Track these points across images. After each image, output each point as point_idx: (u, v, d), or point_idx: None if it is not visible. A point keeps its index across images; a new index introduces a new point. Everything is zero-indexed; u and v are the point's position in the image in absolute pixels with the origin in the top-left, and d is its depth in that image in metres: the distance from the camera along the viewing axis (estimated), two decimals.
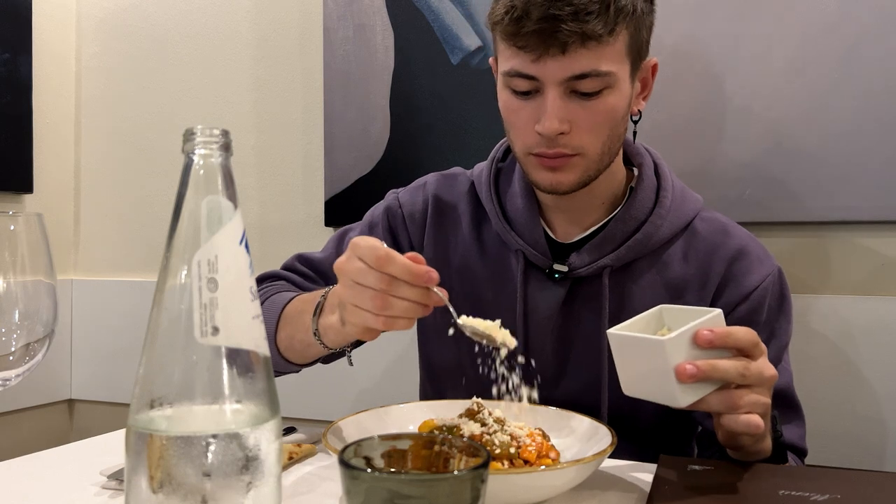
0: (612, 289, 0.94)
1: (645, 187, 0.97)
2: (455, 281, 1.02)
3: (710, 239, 0.96)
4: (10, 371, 0.64)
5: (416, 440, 0.50)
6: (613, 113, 0.88)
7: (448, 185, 1.07)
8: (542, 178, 0.91)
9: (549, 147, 0.87)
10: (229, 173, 0.45)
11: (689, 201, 0.98)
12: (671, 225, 0.95)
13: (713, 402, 0.68)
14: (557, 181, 0.90)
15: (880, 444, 1.20)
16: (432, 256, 1.04)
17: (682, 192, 0.99)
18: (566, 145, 0.87)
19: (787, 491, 0.65)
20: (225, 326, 0.43)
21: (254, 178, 1.69)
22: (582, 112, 0.86)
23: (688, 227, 0.97)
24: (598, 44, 0.83)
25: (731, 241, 0.96)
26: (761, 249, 0.97)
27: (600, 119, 0.87)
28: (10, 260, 0.63)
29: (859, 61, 1.20)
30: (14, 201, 1.75)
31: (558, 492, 0.66)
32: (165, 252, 0.44)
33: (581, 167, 0.89)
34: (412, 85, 1.51)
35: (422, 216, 1.06)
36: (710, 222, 0.98)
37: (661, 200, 0.96)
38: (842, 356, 1.22)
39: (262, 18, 1.69)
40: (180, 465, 0.41)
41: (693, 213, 0.98)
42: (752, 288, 0.93)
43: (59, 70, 1.85)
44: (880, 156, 1.19)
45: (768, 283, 0.94)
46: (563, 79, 0.84)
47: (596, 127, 0.87)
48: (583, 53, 0.83)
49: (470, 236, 1.03)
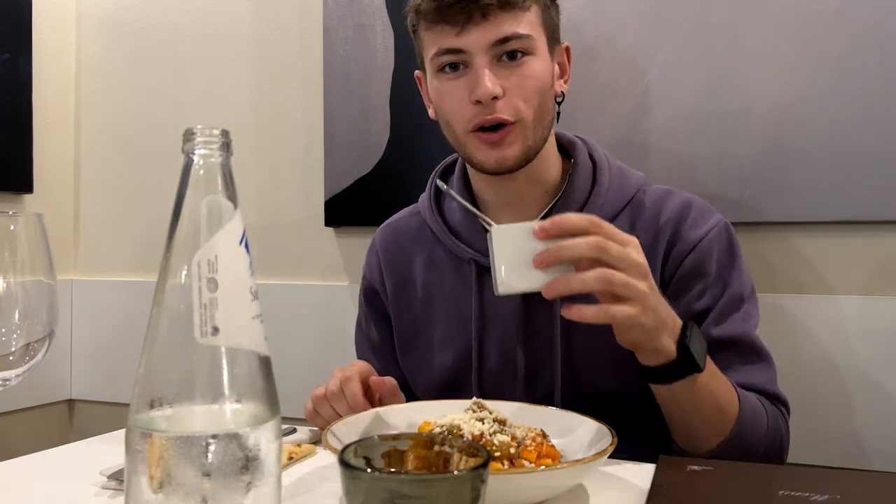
0: None
1: (581, 171, 1.00)
2: (420, 314, 1.07)
3: (655, 206, 0.99)
4: (10, 371, 0.64)
5: (416, 440, 0.50)
6: (540, 79, 0.93)
7: (390, 231, 1.14)
8: (486, 156, 0.94)
9: (487, 114, 0.91)
10: (229, 173, 0.45)
11: (628, 178, 1.02)
12: (613, 201, 0.99)
13: (588, 279, 0.72)
14: (502, 157, 0.93)
15: (880, 445, 1.20)
16: (396, 304, 1.10)
17: (619, 170, 1.02)
18: (503, 111, 0.91)
19: (787, 491, 0.65)
20: (225, 326, 0.43)
21: (254, 178, 1.69)
22: (511, 76, 0.91)
23: (631, 201, 1.00)
24: (516, 9, 0.90)
25: (674, 201, 0.99)
26: (704, 205, 1.00)
27: (529, 83, 0.92)
28: (10, 260, 0.63)
29: (859, 61, 1.20)
30: (14, 201, 1.75)
31: (558, 492, 0.66)
32: (165, 252, 0.44)
33: (521, 137, 0.93)
34: (412, 85, 1.50)
35: (380, 275, 1.12)
36: (653, 192, 1.01)
37: (599, 180, 1.00)
38: (842, 356, 1.22)
39: (262, 18, 1.68)
40: (180, 465, 0.41)
41: (634, 188, 1.01)
42: (698, 240, 0.95)
43: (58, 70, 1.85)
44: (880, 155, 1.19)
45: (714, 234, 0.96)
46: (488, 44, 0.90)
47: (526, 92, 0.92)
48: (503, 18, 0.89)
49: (424, 266, 1.07)
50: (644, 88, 1.32)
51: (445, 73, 0.94)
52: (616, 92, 1.33)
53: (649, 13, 1.32)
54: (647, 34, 1.32)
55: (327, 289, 1.61)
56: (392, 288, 1.10)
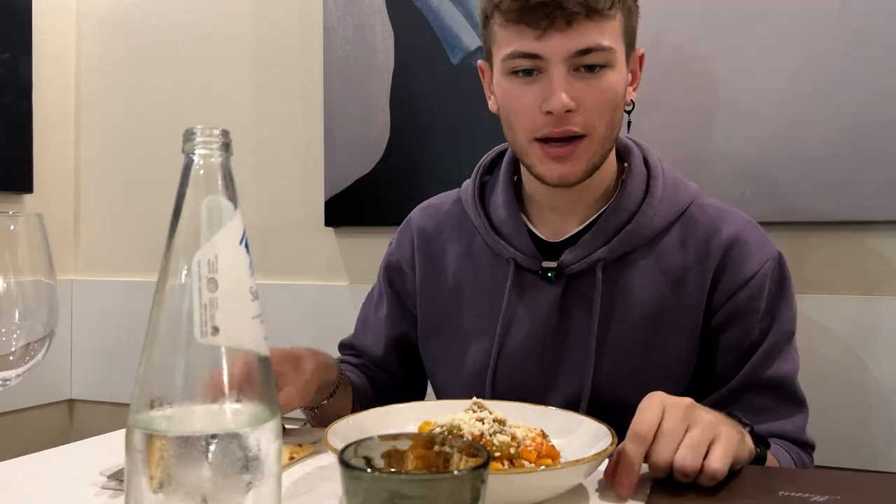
0: (606, 282, 0.94)
1: (635, 178, 0.97)
2: (447, 302, 1.04)
3: (708, 225, 0.95)
4: (10, 371, 0.64)
5: (416, 440, 0.50)
6: (615, 93, 0.89)
7: (429, 214, 1.10)
8: (548, 169, 0.90)
9: (556, 126, 0.87)
10: (229, 173, 0.45)
11: (682, 189, 0.98)
12: (664, 213, 0.95)
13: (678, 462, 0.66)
14: (565, 173, 0.90)
15: (881, 445, 1.20)
16: (424, 287, 1.06)
17: (674, 180, 0.98)
18: (575, 123, 0.87)
19: (788, 492, 0.65)
20: (225, 326, 0.43)
21: (254, 178, 1.69)
22: (587, 90, 0.87)
23: (683, 215, 0.96)
24: (602, 18, 0.85)
25: (729, 226, 0.94)
26: (760, 234, 0.96)
27: (605, 97, 0.88)
28: (10, 260, 0.63)
29: (861, 61, 1.20)
30: (14, 201, 1.75)
31: (558, 492, 0.66)
32: (165, 252, 0.44)
33: (588, 152, 0.89)
34: (412, 85, 1.51)
35: (411, 256, 1.09)
36: (707, 208, 0.97)
37: (652, 190, 0.96)
38: (842, 356, 1.22)
39: (262, 18, 1.68)
40: (180, 465, 0.41)
41: (688, 200, 0.97)
42: (751, 275, 0.92)
43: (58, 70, 1.85)
44: (881, 155, 1.19)
45: (768, 268, 0.93)
46: (568, 54, 0.85)
47: (601, 106, 0.88)
48: (588, 27, 0.84)
49: (460, 255, 1.04)
50: (647, 89, 1.32)
51: (518, 76, 0.89)
52: None
53: (650, 13, 1.32)
54: (647, 34, 1.32)
55: (327, 289, 1.61)
56: (422, 271, 1.07)
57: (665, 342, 0.93)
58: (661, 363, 0.93)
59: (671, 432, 0.67)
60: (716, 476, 0.66)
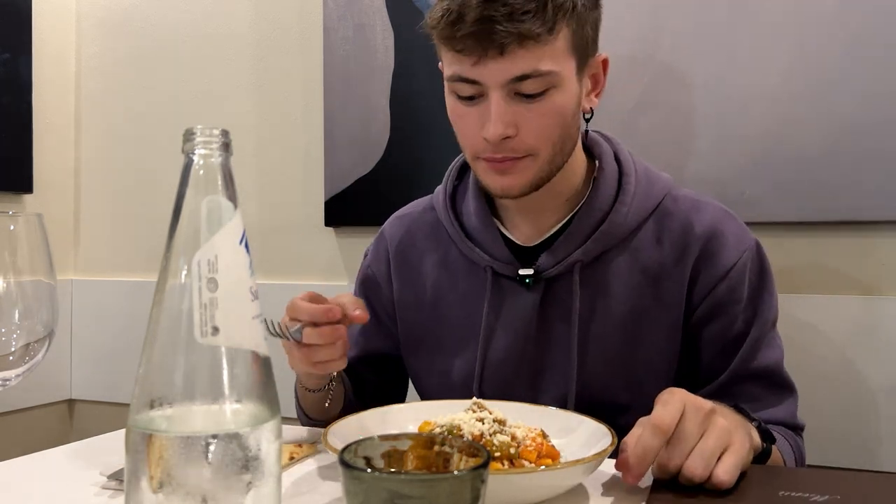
0: (584, 284, 0.93)
1: (606, 176, 0.95)
2: (427, 314, 1.03)
3: (682, 218, 0.94)
4: (10, 371, 0.64)
5: (416, 440, 0.50)
6: (561, 113, 0.86)
7: (403, 224, 1.09)
8: (491, 181, 0.90)
9: (495, 152, 0.87)
10: (229, 173, 0.45)
11: (655, 182, 0.96)
12: (638, 209, 0.94)
13: (687, 470, 0.65)
14: (508, 185, 0.89)
15: (881, 445, 1.20)
16: (402, 300, 1.06)
17: (646, 174, 0.96)
18: (514, 149, 0.86)
19: (787, 492, 0.65)
20: (225, 326, 0.43)
21: (254, 178, 1.69)
22: (528, 114, 0.85)
23: (657, 209, 0.95)
24: (537, 43, 0.81)
25: (705, 218, 0.93)
26: (736, 224, 0.95)
27: (548, 120, 0.86)
28: (10, 260, 0.63)
29: (859, 60, 1.20)
30: (14, 201, 1.75)
31: (558, 492, 0.66)
32: (165, 252, 0.44)
33: (532, 169, 0.88)
34: (412, 85, 1.51)
35: (387, 269, 1.08)
36: (681, 200, 0.95)
37: (624, 186, 0.94)
38: (841, 357, 1.22)
39: (262, 18, 1.69)
40: (180, 465, 0.41)
41: (661, 193, 0.96)
42: (730, 266, 0.91)
43: (58, 70, 1.85)
44: (880, 155, 1.19)
45: (746, 258, 0.92)
46: (504, 81, 0.83)
47: (544, 129, 0.86)
48: (521, 54, 0.81)
49: (436, 265, 1.03)
50: (643, 88, 1.32)
51: (460, 97, 0.88)
52: (615, 92, 1.33)
53: (649, 13, 1.32)
54: (646, 34, 1.32)
55: (327, 289, 1.60)
56: (399, 284, 1.06)
57: (647, 339, 0.93)
58: (645, 360, 0.93)
59: (687, 437, 0.65)
60: (721, 487, 0.65)
